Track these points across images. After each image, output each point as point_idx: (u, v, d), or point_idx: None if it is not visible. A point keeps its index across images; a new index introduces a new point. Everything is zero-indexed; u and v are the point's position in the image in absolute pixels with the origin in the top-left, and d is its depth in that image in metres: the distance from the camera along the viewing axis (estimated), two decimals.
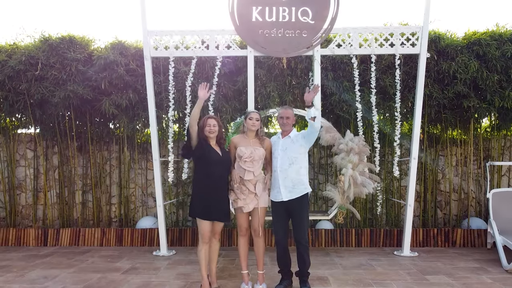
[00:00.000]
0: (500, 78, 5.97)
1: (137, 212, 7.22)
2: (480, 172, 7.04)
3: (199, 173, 4.00)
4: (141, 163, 7.28)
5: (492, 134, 6.99)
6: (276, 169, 4.03)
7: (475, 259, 5.37)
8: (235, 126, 5.60)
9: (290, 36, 5.70)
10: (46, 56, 5.98)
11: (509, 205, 5.87)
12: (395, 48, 5.72)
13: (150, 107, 5.79)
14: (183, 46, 5.83)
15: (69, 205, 7.14)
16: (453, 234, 6.23)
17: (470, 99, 6.07)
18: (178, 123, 6.77)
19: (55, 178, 7.24)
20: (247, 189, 4.04)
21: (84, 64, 6.02)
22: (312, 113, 3.81)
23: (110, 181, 7.21)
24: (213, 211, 3.91)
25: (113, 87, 6.11)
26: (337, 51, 5.78)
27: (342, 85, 6.08)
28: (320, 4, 5.69)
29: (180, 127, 6.81)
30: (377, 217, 6.78)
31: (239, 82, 6.20)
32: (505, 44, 5.96)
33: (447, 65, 5.97)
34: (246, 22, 5.72)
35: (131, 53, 6.19)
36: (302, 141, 4.01)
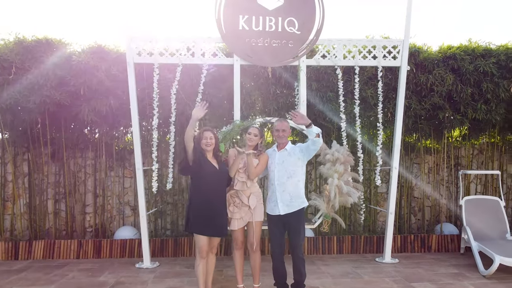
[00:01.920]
0: (473, 91, 6.29)
1: (113, 222, 6.99)
2: (450, 179, 7.38)
3: (196, 187, 3.94)
4: (118, 170, 7.04)
5: (461, 143, 7.36)
6: (273, 182, 4.03)
7: (452, 265, 5.62)
8: (222, 135, 5.54)
9: (276, 46, 5.72)
10: (21, 59, 5.67)
11: (480, 212, 6.19)
12: (378, 61, 5.88)
13: (133, 114, 5.62)
14: (167, 53, 5.71)
15: (40, 215, 6.79)
16: (429, 240, 6.49)
17: (445, 110, 6.36)
18: (161, 131, 6.60)
19: (25, 187, 6.87)
20: (240, 201, 4.02)
21: (61, 69, 5.75)
22: (315, 130, 3.85)
23: (84, 189, 6.93)
24: (210, 226, 3.86)
25: (93, 92, 5.88)
26: (322, 62, 5.87)
27: (325, 95, 6.18)
28: (306, 15, 5.76)
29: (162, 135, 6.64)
30: (356, 224, 6.93)
31: (223, 90, 6.15)
32: (477, 59, 6.29)
33: (425, 77, 6.22)
34: (232, 30, 5.68)
35: (111, 58, 5.97)
36: (300, 154, 4.04)
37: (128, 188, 7.09)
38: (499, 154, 7.38)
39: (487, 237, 5.88)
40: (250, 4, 5.70)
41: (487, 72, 6.19)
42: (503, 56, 6.22)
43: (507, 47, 6.38)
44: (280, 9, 5.74)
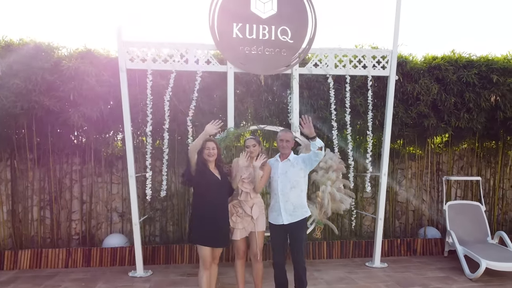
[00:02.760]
0: (456, 100, 6.54)
1: (100, 229, 6.86)
2: (432, 184, 7.65)
3: (199, 198, 3.95)
4: (105, 176, 6.92)
5: (443, 149, 7.64)
6: (277, 192, 4.08)
7: (438, 268, 5.84)
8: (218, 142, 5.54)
9: (270, 54, 5.78)
10: (8, 63, 5.48)
11: (463, 216, 6.46)
12: (368, 70, 6.04)
13: (126, 121, 5.55)
14: (161, 59, 5.66)
15: (24, 222, 6.59)
16: (414, 243, 6.71)
17: (430, 119, 6.58)
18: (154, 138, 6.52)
19: (7, 193, 6.64)
20: (243, 211, 4.06)
21: (51, 73, 5.61)
22: (318, 143, 3.92)
23: (71, 196, 6.77)
24: (213, 237, 3.88)
25: (83, 98, 5.76)
26: (314, 71, 5.97)
27: (317, 103, 6.29)
28: (299, 24, 5.84)
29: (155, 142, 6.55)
30: (343, 229, 7.08)
31: (216, 96, 6.16)
32: (460, 70, 6.55)
33: (411, 87, 6.42)
34: (226, 38, 5.70)
35: (102, 63, 5.88)
36: (302, 165, 4.11)
37: (115, 195, 6.98)
38: (478, 159, 7.71)
39: (470, 240, 6.13)
40: (244, 12, 5.74)
41: (469, 82, 6.46)
42: (484, 67, 6.51)
43: (487, 58, 6.67)
44: (273, 18, 5.81)
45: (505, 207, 7.81)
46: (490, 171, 7.81)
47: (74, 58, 5.76)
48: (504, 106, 6.57)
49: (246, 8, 5.75)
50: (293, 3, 5.84)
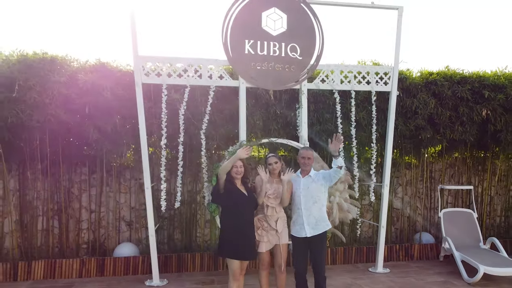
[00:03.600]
0: (451, 114, 6.96)
1: (108, 238, 6.96)
2: (425, 191, 8.06)
3: (227, 214, 4.17)
4: (112, 186, 7.02)
5: (436, 159, 8.07)
6: (300, 207, 4.34)
7: (436, 273, 6.23)
8: (229, 155, 5.75)
9: (280, 70, 6.03)
10: (25, 77, 5.54)
11: (457, 223, 6.88)
12: (371, 86, 6.37)
13: (142, 134, 5.69)
14: (175, 74, 5.84)
15: (32, 232, 6.63)
16: (411, 249, 7.09)
17: (427, 131, 6.97)
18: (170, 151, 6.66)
19: (15, 203, 6.67)
20: (268, 225, 4.30)
21: (66, 87, 5.70)
22: (339, 162, 4.19)
23: (79, 205, 6.85)
24: (242, 251, 4.10)
25: (97, 111, 5.87)
26: (322, 86, 6.26)
27: (322, 116, 6.58)
28: (307, 41, 6.12)
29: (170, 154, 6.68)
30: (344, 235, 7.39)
31: (227, 110, 6.36)
32: (454, 85, 6.96)
33: (410, 101, 6.80)
34: (239, 54, 5.92)
35: (116, 76, 6.01)
36: (323, 181, 4.38)
37: (123, 204, 7.09)
38: (467, 168, 8.17)
39: (464, 246, 6.54)
40: (255, 29, 5.97)
41: (463, 97, 6.88)
42: (476, 83, 6.95)
43: (479, 75, 7.11)
44: (283, 35, 6.06)
45: (492, 212, 8.31)
46: (478, 178, 8.30)
47: (88, 72, 5.87)
48: (494, 120, 7.02)
49: (257, 25, 5.98)
50: (302, 21, 6.11)
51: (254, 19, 5.97)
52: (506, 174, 8.24)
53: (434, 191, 8.06)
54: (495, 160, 8.10)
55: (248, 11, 5.96)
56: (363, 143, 6.87)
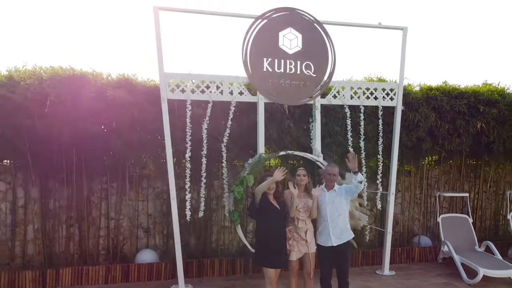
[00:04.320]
0: (449, 127, 7.51)
1: (126, 244, 7.24)
2: (422, 197, 8.62)
3: (263, 226, 4.57)
4: (130, 194, 7.29)
5: (433, 167, 8.63)
6: (326, 219, 4.76)
7: (438, 274, 6.76)
8: (250, 167, 6.12)
9: (295, 86, 6.43)
10: (56, 92, 5.78)
11: (454, 228, 7.44)
12: (378, 101, 6.85)
13: (168, 147, 5.98)
14: (199, 90, 6.16)
15: (53, 239, 6.86)
16: (412, 252, 7.62)
17: (427, 142, 7.50)
18: (179, 159, 6.97)
19: (35, 212, 6.88)
20: (299, 236, 4.71)
21: (95, 102, 5.96)
22: (360, 177, 4.63)
23: (99, 213, 7.10)
24: (277, 260, 4.50)
25: (123, 124, 6.15)
26: (333, 101, 6.70)
27: (333, 129, 7.01)
28: (321, 59, 6.53)
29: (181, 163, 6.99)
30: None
31: (244, 123, 6.71)
32: (452, 100, 7.51)
33: (413, 115, 7.31)
34: (257, 71, 6.29)
35: (140, 91, 6.30)
36: (345, 195, 4.82)
37: (140, 211, 7.37)
38: (461, 175, 8.76)
39: (461, 249, 7.09)
40: (273, 48, 6.35)
41: (460, 111, 7.43)
42: (472, 98, 7.52)
43: (474, 89, 7.68)
44: (298, 54, 6.46)
45: (483, 216, 8.94)
46: (470, 184, 8.91)
47: (115, 87, 6.14)
48: (487, 132, 7.61)
49: (275, 44, 6.36)
50: (316, 40, 6.52)
51: (272, 39, 6.35)
52: (495, 181, 8.88)
53: (430, 197, 8.63)
54: (486, 168, 8.71)
55: (266, 31, 6.33)
56: (369, 153, 7.33)
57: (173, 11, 6.11)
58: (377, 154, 6.95)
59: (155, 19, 5.97)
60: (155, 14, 5.97)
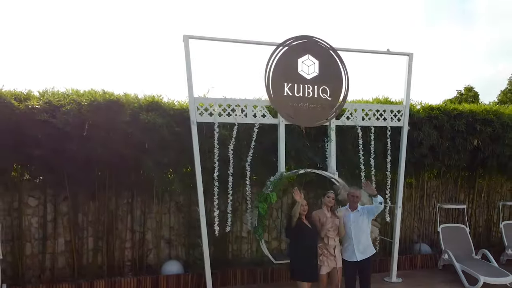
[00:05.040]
0: (449, 144, 8.16)
1: (150, 255, 7.65)
2: (421, 207, 9.27)
3: (297, 244, 5.10)
4: (153, 208, 7.69)
5: (430, 179, 9.29)
6: (351, 236, 5.31)
7: (441, 281, 7.40)
8: (273, 185, 6.62)
9: (313, 109, 6.94)
10: (94, 117, 6.13)
11: (453, 237, 8.10)
12: (387, 122, 7.43)
13: (197, 168, 6.40)
14: (225, 113, 6.62)
15: (79, 252, 7.22)
16: (415, 259, 8.26)
17: (429, 158, 8.14)
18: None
19: (64, 226, 7.22)
20: (328, 252, 5.24)
21: (129, 125, 6.35)
22: (379, 199, 5.20)
23: (125, 226, 7.47)
24: (309, 274, 5.03)
25: (155, 146, 6.56)
26: (347, 123, 7.25)
27: (345, 148, 7.56)
28: (336, 84, 7.06)
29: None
30: None
31: (264, 143, 7.19)
32: (451, 119, 8.16)
33: (416, 133, 7.92)
34: (279, 95, 6.77)
35: (169, 114, 6.71)
36: (367, 214, 5.38)
37: (162, 223, 7.78)
38: (456, 186, 9.45)
39: (460, 257, 7.73)
40: (293, 73, 6.85)
41: (459, 130, 8.09)
42: (470, 118, 8.19)
43: (472, 110, 8.35)
44: (316, 79, 6.97)
45: (476, 224, 9.66)
46: (464, 195, 9.61)
47: (146, 110, 6.53)
48: (483, 148, 8.29)
49: (294, 70, 6.86)
50: (331, 66, 7.04)
51: (292, 65, 6.84)
52: (488, 191, 9.60)
53: (428, 207, 9.29)
54: (480, 180, 9.43)
55: (286, 58, 6.82)
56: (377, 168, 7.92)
57: (202, 39, 6.55)
58: (385, 169, 7.53)
59: (185, 47, 6.39)
60: (185, 43, 6.38)
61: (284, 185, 6.99)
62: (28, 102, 5.99)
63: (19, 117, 5.91)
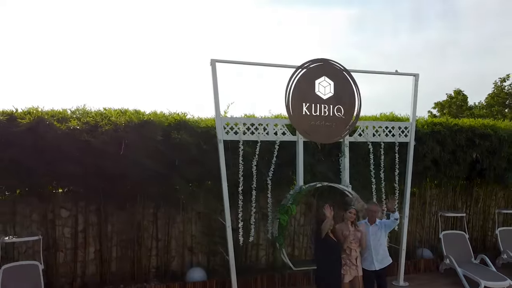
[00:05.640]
0: (450, 157, 8.80)
1: (173, 262, 8.13)
2: (423, 214, 9.90)
3: (323, 256, 5.65)
4: (176, 217, 8.17)
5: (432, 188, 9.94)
6: (370, 248, 5.89)
7: (444, 284, 8.04)
8: (292, 198, 7.16)
9: (328, 127, 7.49)
10: (129, 137, 6.58)
11: (454, 243, 8.75)
12: (395, 138, 8.02)
13: (224, 182, 6.91)
14: (249, 132, 7.13)
15: (107, 260, 7.67)
16: (419, 263, 8.89)
17: (432, 170, 8.77)
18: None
19: (93, 235, 7.67)
20: (351, 262, 5.82)
21: (161, 144, 6.82)
22: (396, 215, 5.79)
23: (150, 235, 7.94)
24: (334, 282, 5.59)
25: (183, 162, 7.04)
26: (359, 139, 7.82)
27: (356, 162, 8.13)
28: (349, 104, 7.62)
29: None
30: None
31: (281, 157, 7.72)
32: (453, 134, 8.79)
33: (421, 147, 8.53)
34: (298, 114, 7.31)
35: (197, 132, 7.19)
36: (385, 228, 5.97)
37: (184, 232, 8.26)
38: (454, 194, 10.12)
39: (460, 261, 8.37)
40: (310, 94, 7.39)
41: (460, 144, 8.74)
42: (470, 133, 8.84)
43: (471, 125, 9.01)
44: (331, 99, 7.53)
45: (472, 229, 10.34)
46: (462, 202, 10.29)
47: (176, 129, 7.01)
48: (482, 161, 8.96)
49: (312, 91, 7.40)
50: (345, 87, 7.60)
51: (309, 86, 7.38)
52: (484, 200, 10.29)
53: (429, 214, 9.94)
54: (477, 189, 10.11)
55: (305, 80, 7.36)
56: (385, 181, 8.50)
57: (228, 63, 7.05)
58: (393, 181, 8.13)
59: (212, 70, 6.88)
60: (212, 66, 6.87)
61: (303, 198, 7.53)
62: (69, 123, 6.42)
63: (61, 138, 6.33)
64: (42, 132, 6.22)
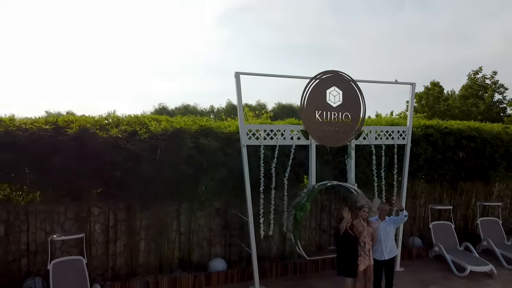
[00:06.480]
0: (441, 157, 9.85)
1: (194, 253, 8.91)
2: (413, 206, 10.99)
3: (343, 249, 6.58)
4: (196, 213, 8.92)
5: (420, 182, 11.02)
6: (380, 241, 6.85)
7: (435, 269, 9.14)
8: (306, 196, 8.03)
9: (337, 132, 8.37)
10: (165, 144, 7.25)
11: (441, 232, 9.87)
12: (395, 141, 8.98)
13: (246, 183, 7.71)
14: (269, 137, 7.91)
15: (135, 252, 8.38)
16: (412, 251, 9.99)
17: (424, 169, 9.81)
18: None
19: (122, 231, 8.35)
20: (364, 253, 6.77)
21: (191, 149, 7.52)
22: (404, 213, 6.75)
23: (173, 229, 8.68)
24: (352, 271, 6.54)
25: (210, 165, 7.77)
26: (363, 142, 8.73)
27: (360, 162, 9.05)
28: (355, 111, 8.49)
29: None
30: None
31: (295, 159, 8.55)
32: (443, 136, 9.83)
33: (415, 149, 9.53)
34: (311, 120, 8.14)
35: (222, 137, 7.92)
36: (393, 224, 6.92)
37: (203, 226, 9.03)
38: (441, 188, 11.24)
39: (447, 248, 9.50)
40: (322, 102, 8.21)
41: (449, 145, 9.79)
42: (458, 135, 9.91)
43: (459, 128, 10.06)
44: (340, 106, 8.38)
45: (455, 219, 11.51)
46: (446, 195, 11.44)
47: (203, 135, 7.71)
48: (467, 160, 10.06)
49: (323, 100, 8.23)
50: (352, 96, 8.46)
51: (321, 95, 8.21)
52: (467, 193, 11.46)
53: (417, 206, 11.03)
54: (461, 183, 11.26)
55: (317, 89, 8.17)
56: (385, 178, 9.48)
57: (250, 75, 7.78)
58: (392, 179, 9.12)
59: (236, 82, 7.60)
60: (236, 78, 7.59)
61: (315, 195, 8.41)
62: (110, 132, 7.03)
63: (103, 145, 6.95)
64: (87, 141, 6.82)
